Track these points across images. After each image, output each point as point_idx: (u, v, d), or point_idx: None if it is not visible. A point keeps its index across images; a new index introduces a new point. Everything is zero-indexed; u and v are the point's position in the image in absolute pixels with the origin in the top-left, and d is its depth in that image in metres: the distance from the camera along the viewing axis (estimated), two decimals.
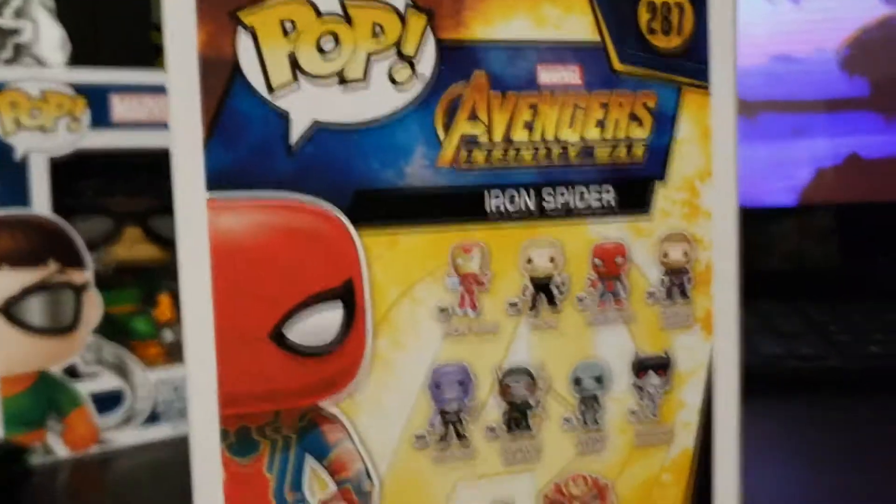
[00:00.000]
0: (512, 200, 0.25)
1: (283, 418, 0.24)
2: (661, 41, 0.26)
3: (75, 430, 0.53)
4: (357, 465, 0.25)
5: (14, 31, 0.62)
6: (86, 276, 0.53)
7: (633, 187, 0.26)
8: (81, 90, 0.52)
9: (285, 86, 0.24)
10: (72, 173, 0.53)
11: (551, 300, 0.26)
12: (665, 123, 0.27)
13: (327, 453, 0.24)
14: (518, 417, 0.26)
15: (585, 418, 0.26)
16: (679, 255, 0.27)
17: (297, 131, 0.24)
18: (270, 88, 0.23)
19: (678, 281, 0.27)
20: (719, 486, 0.28)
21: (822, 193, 0.84)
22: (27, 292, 0.51)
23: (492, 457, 0.26)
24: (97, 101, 0.53)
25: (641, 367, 0.27)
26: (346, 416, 0.24)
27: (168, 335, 0.58)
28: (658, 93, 0.26)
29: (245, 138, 0.23)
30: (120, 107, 0.53)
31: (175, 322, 0.58)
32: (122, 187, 0.57)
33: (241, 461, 0.24)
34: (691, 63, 0.27)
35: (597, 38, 0.26)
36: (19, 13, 0.62)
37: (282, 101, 0.24)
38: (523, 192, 0.25)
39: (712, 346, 0.27)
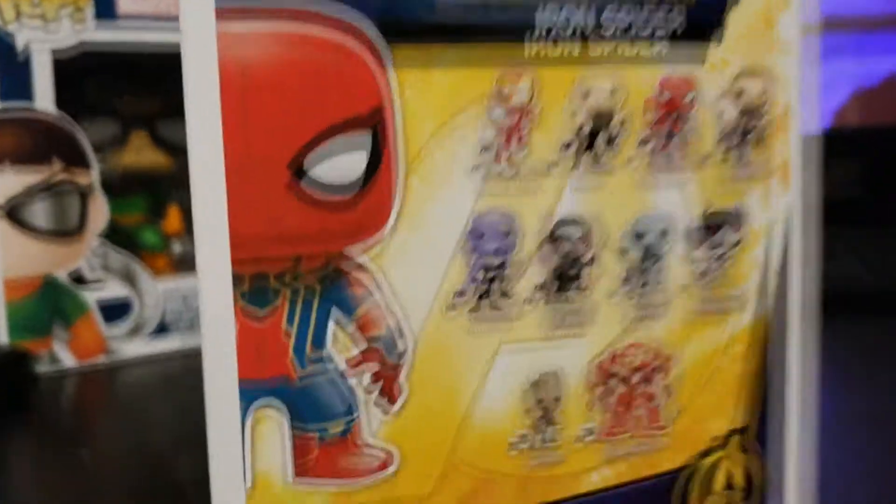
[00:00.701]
0: (567, 22, 0.22)
1: (305, 266, 0.21)
2: None
3: (82, 339, 0.50)
4: (388, 322, 0.21)
5: None
6: (91, 177, 0.50)
7: (706, 12, 0.22)
8: None
9: None
10: (76, 70, 0.49)
11: (610, 140, 0.22)
12: None
13: (354, 308, 0.21)
14: (570, 274, 0.22)
15: (647, 278, 0.23)
16: (756, 93, 0.23)
17: None
18: None
19: (753, 124, 0.23)
20: (795, 356, 0.24)
21: (859, 116, 0.80)
22: (31, 192, 0.48)
23: (538, 319, 0.22)
24: None
25: (711, 221, 0.23)
26: (375, 266, 0.21)
27: (177, 247, 0.55)
28: None
29: None
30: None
31: (183, 234, 0.55)
32: (129, 87, 0.53)
33: (256, 312, 0.20)
34: None
35: None
36: None
37: None
38: (581, 6, 0.21)
39: (790, 199, 0.24)
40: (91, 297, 0.50)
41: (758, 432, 0.24)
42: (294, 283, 0.21)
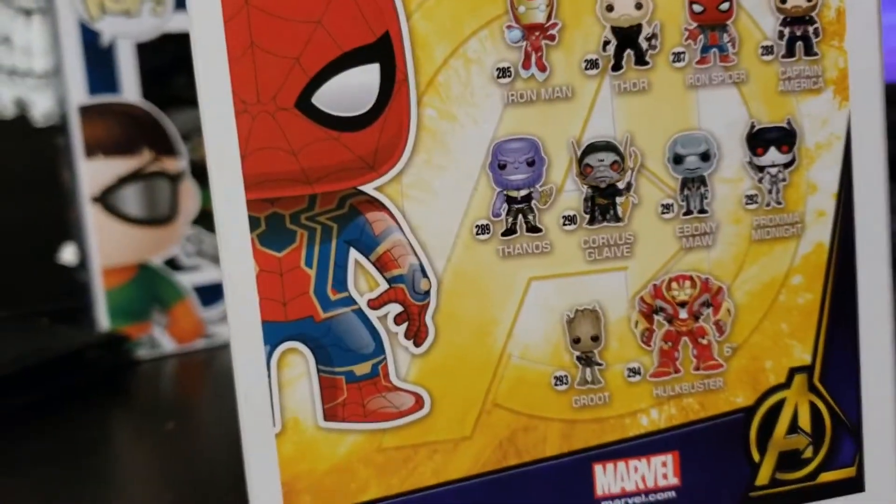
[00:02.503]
0: None
1: (321, 204, 0.20)
2: None
3: (180, 323, 0.52)
4: (410, 259, 0.21)
5: None
6: (180, 164, 0.52)
7: None
8: None
9: None
10: (160, 60, 0.51)
11: (640, 56, 0.21)
12: None
13: (374, 246, 0.21)
14: (603, 204, 0.21)
15: (690, 204, 0.21)
16: None
17: None
18: None
19: (801, 32, 0.21)
20: (865, 291, 0.22)
21: None
22: (123, 181, 0.50)
23: (572, 251, 0.21)
24: None
25: (759, 140, 0.21)
26: (393, 201, 0.20)
27: None
28: None
29: None
30: None
31: None
32: None
33: (274, 253, 0.20)
34: None
35: None
36: None
37: None
38: None
39: (849, 114, 0.22)
40: (188, 281, 0.52)
41: (823, 371, 0.22)
42: (310, 222, 0.20)
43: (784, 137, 0.22)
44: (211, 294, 0.53)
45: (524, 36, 0.21)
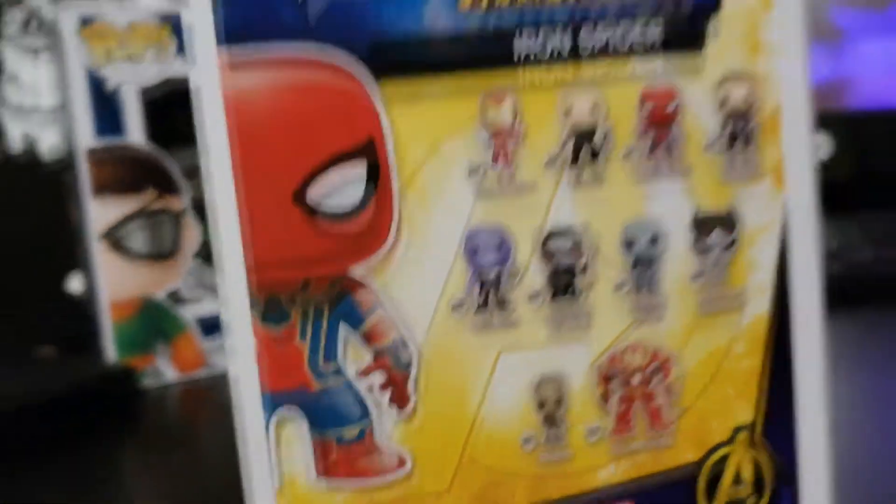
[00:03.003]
0: (545, 42, 0.23)
1: (314, 286, 0.23)
2: None
3: (182, 354, 0.55)
4: (393, 333, 0.23)
5: None
6: (183, 202, 0.54)
7: (683, 21, 0.24)
8: (165, 19, 0.53)
9: None
10: (163, 103, 0.54)
11: (595, 153, 0.24)
12: None
13: (361, 322, 0.23)
14: (564, 282, 0.24)
15: (640, 282, 0.24)
16: (740, 97, 0.24)
17: None
18: None
19: (741, 127, 0.24)
20: (800, 355, 0.25)
21: None
22: (128, 219, 0.53)
23: (537, 325, 0.24)
24: (181, 30, 0.53)
25: (702, 224, 0.24)
26: (379, 282, 0.23)
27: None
28: None
29: None
30: None
31: None
32: None
33: (272, 329, 0.23)
34: None
35: None
36: None
37: None
38: (558, 30, 0.23)
39: (785, 199, 0.24)
40: (189, 314, 0.55)
41: (764, 428, 0.25)
42: (304, 302, 0.23)
43: (726, 222, 0.24)
44: (211, 325, 0.56)
45: (492, 137, 0.23)
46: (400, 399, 0.24)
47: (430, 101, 0.23)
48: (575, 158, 0.24)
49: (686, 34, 0.24)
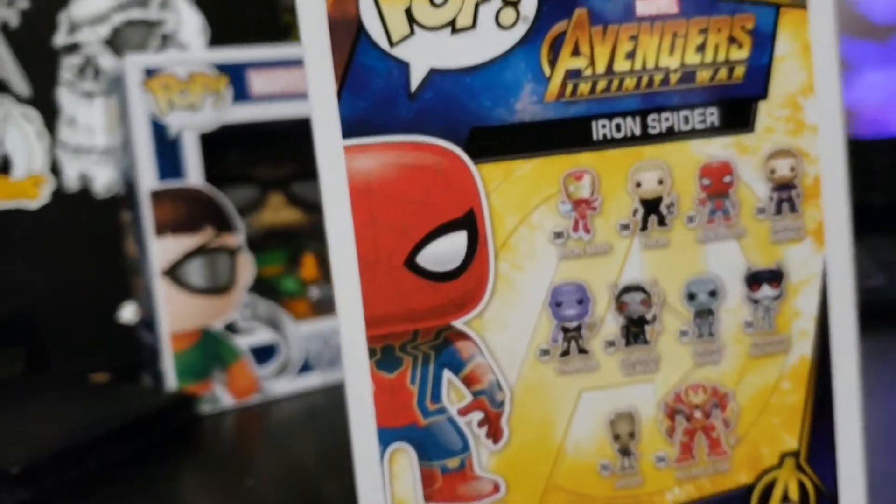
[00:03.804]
0: (618, 127, 0.27)
1: (422, 337, 0.27)
2: None
3: (237, 381, 0.59)
4: (489, 376, 0.27)
5: (160, 23, 0.68)
6: (238, 239, 0.58)
7: (736, 106, 0.28)
8: (222, 69, 0.57)
9: (404, 38, 0.26)
10: (219, 146, 0.58)
11: (661, 220, 0.28)
12: (764, 43, 0.28)
13: (462, 367, 0.27)
14: (635, 331, 0.28)
15: (701, 330, 0.28)
16: (786, 170, 0.28)
17: (416, 78, 0.26)
18: (391, 42, 0.26)
19: (787, 195, 0.28)
20: (840, 390, 0.29)
21: None
22: (188, 256, 0.57)
23: (612, 368, 0.28)
24: (237, 78, 0.57)
25: (754, 279, 0.28)
26: (477, 333, 0.27)
27: (314, 292, 0.63)
28: (756, 14, 0.28)
29: (371, 88, 0.26)
30: (257, 81, 0.58)
31: (319, 279, 0.63)
32: (265, 156, 0.62)
33: (387, 375, 0.27)
34: None
35: None
36: (164, 5, 0.68)
37: (401, 52, 0.26)
38: (628, 118, 0.27)
39: (825, 257, 0.28)
40: (244, 343, 0.59)
41: (808, 454, 0.29)
42: (414, 350, 0.27)
43: (774, 276, 0.28)
44: (264, 353, 0.59)
45: (573, 208, 0.27)
46: (495, 433, 0.28)
47: (521, 177, 0.27)
48: (644, 224, 0.28)
49: (739, 117, 0.28)
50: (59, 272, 0.67)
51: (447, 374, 0.27)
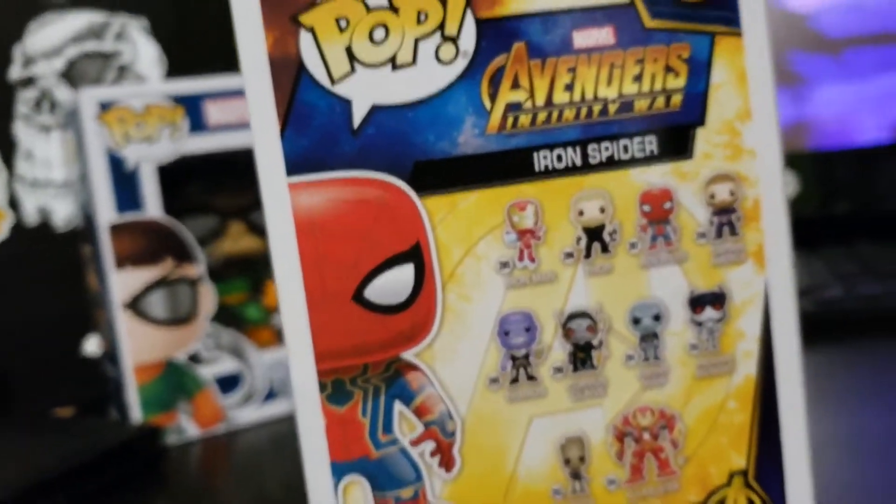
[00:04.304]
0: (559, 158, 0.28)
1: (372, 370, 0.27)
2: None
3: (203, 411, 0.59)
4: (440, 407, 0.28)
5: (116, 54, 0.68)
6: (199, 269, 0.58)
7: (674, 134, 0.28)
8: (178, 100, 0.57)
9: (345, 76, 0.27)
10: (177, 176, 0.58)
11: (605, 247, 0.28)
12: (700, 71, 0.28)
13: (413, 398, 0.28)
14: (582, 357, 0.28)
15: (647, 354, 0.29)
16: (726, 194, 0.29)
17: (358, 114, 0.27)
18: (332, 79, 0.27)
19: (727, 219, 0.29)
20: (785, 408, 0.29)
21: None
22: (149, 288, 0.57)
23: (561, 394, 0.28)
24: (193, 109, 0.57)
25: (697, 302, 0.29)
26: (426, 364, 0.28)
27: (277, 319, 0.63)
28: (691, 43, 0.28)
29: (314, 125, 0.27)
30: (214, 111, 0.58)
31: None
32: (223, 186, 0.62)
33: (338, 409, 0.27)
34: (722, 10, 0.28)
35: None
36: (119, 37, 0.68)
37: (343, 90, 0.27)
38: (569, 148, 0.28)
39: (766, 278, 0.29)
40: (208, 373, 0.59)
41: (756, 472, 0.29)
42: (364, 383, 0.27)
43: (717, 299, 0.29)
44: (229, 383, 0.59)
45: (518, 238, 0.28)
46: (447, 463, 0.28)
47: (465, 209, 0.27)
48: (588, 252, 0.28)
49: (677, 145, 0.28)
50: (21, 307, 0.66)
51: (398, 406, 0.28)
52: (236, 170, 0.61)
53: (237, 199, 0.63)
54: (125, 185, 0.56)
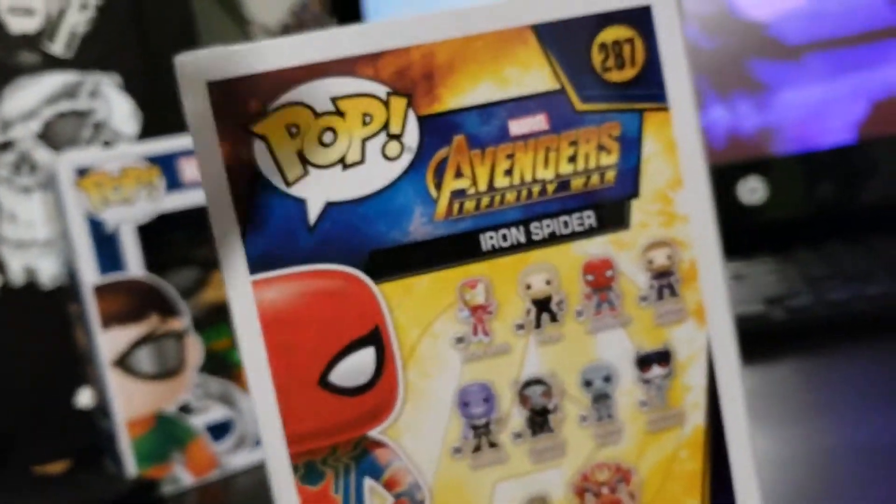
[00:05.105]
0: (504, 237, 0.30)
1: (341, 449, 0.29)
2: (616, 76, 0.30)
3: (196, 459, 0.61)
4: (408, 478, 0.30)
5: (91, 112, 0.70)
6: (184, 322, 0.60)
7: (611, 208, 0.30)
8: (153, 160, 0.59)
9: (299, 178, 0.29)
10: (157, 233, 0.60)
11: (553, 317, 0.30)
12: (631, 146, 0.30)
13: (382, 473, 0.30)
14: (540, 421, 0.30)
15: (600, 414, 0.31)
16: (663, 259, 0.31)
17: (313, 212, 0.29)
18: (287, 182, 0.28)
19: (666, 282, 0.31)
20: (734, 454, 0.31)
21: (882, 127, 0.85)
22: (137, 345, 0.59)
23: (522, 458, 0.30)
24: (168, 168, 0.59)
25: (644, 361, 0.31)
26: (392, 439, 0.29)
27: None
28: (621, 121, 0.30)
29: (273, 225, 0.28)
30: (189, 168, 0.60)
31: None
32: (203, 238, 0.64)
33: (311, 488, 0.29)
34: (648, 88, 0.30)
35: (557, 85, 0.30)
36: (93, 94, 0.70)
37: (298, 191, 0.29)
38: (513, 228, 0.30)
39: (707, 333, 0.31)
40: (199, 421, 0.61)
41: None
42: (335, 462, 0.29)
43: (662, 357, 0.31)
44: (220, 430, 0.61)
45: (471, 314, 0.30)
46: None
47: (420, 292, 0.29)
48: (538, 322, 0.30)
49: (614, 217, 0.30)
50: (12, 364, 0.68)
51: (368, 482, 0.30)
52: None
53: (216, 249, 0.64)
54: (106, 247, 0.58)
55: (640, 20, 0.31)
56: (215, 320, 0.64)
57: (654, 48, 0.30)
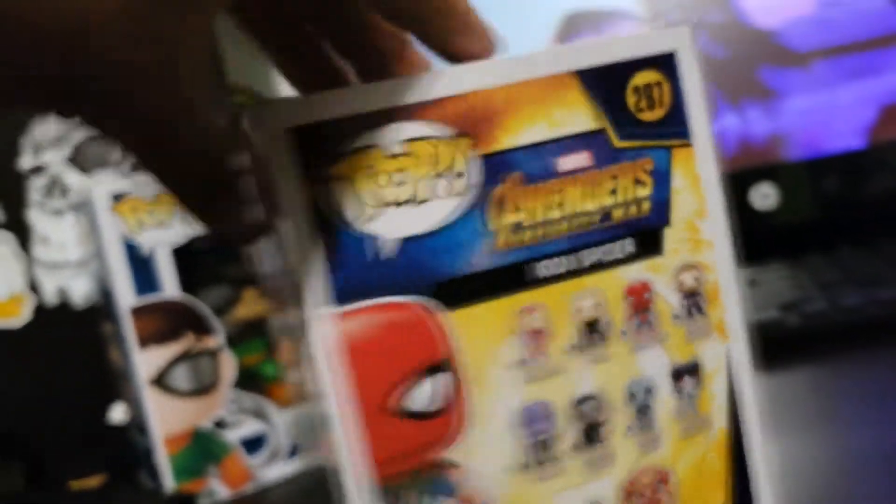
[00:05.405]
0: (556, 265, 0.35)
1: (418, 472, 0.34)
2: (648, 115, 0.36)
3: (231, 473, 0.66)
4: (479, 496, 0.35)
5: None
6: (218, 340, 0.65)
7: (647, 236, 0.36)
8: None
9: (374, 215, 0.34)
10: (191, 255, 0.65)
11: (601, 337, 0.36)
12: (663, 180, 0.36)
13: (454, 492, 0.35)
14: (593, 434, 0.36)
15: (642, 424, 0.36)
16: (692, 281, 0.36)
17: (388, 248, 0.34)
18: (363, 219, 0.34)
19: (694, 301, 0.36)
20: (752, 453, 0.37)
21: (891, 131, 0.90)
22: (173, 363, 0.64)
23: (578, 469, 0.36)
24: None
25: (678, 374, 0.37)
26: (463, 459, 0.35)
27: (293, 375, 0.70)
28: (653, 157, 0.36)
29: (350, 261, 0.34)
30: None
31: (295, 363, 0.70)
32: (235, 255, 0.69)
33: None
34: (675, 126, 0.36)
35: (598, 125, 0.35)
36: None
37: (373, 227, 0.34)
38: (563, 257, 0.35)
39: (727, 346, 0.37)
40: (233, 436, 0.66)
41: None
42: (414, 484, 0.34)
43: (693, 369, 0.37)
44: (254, 444, 0.67)
45: (530, 338, 0.35)
46: None
47: (483, 318, 0.35)
48: (589, 342, 0.36)
49: (650, 244, 0.36)
50: (47, 383, 0.73)
51: (442, 500, 0.35)
52: None
53: (248, 266, 0.70)
54: (142, 269, 0.63)
55: (667, 65, 0.36)
56: (248, 337, 0.69)
57: (679, 90, 0.36)
